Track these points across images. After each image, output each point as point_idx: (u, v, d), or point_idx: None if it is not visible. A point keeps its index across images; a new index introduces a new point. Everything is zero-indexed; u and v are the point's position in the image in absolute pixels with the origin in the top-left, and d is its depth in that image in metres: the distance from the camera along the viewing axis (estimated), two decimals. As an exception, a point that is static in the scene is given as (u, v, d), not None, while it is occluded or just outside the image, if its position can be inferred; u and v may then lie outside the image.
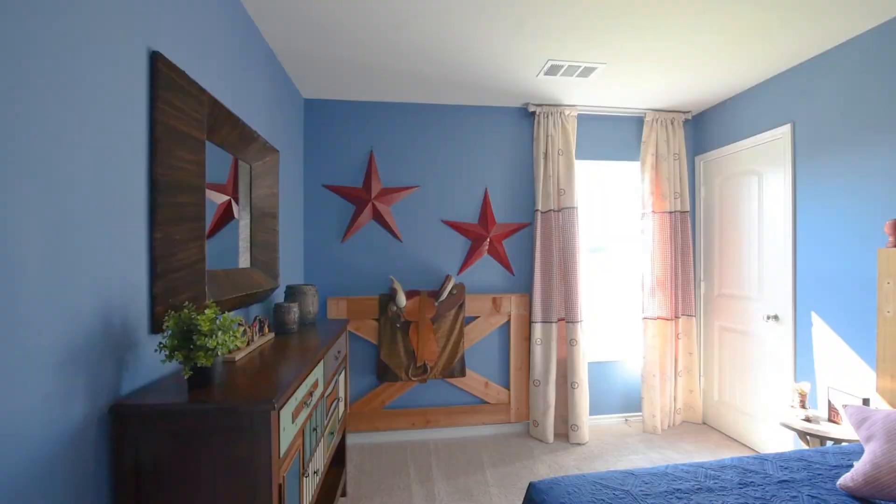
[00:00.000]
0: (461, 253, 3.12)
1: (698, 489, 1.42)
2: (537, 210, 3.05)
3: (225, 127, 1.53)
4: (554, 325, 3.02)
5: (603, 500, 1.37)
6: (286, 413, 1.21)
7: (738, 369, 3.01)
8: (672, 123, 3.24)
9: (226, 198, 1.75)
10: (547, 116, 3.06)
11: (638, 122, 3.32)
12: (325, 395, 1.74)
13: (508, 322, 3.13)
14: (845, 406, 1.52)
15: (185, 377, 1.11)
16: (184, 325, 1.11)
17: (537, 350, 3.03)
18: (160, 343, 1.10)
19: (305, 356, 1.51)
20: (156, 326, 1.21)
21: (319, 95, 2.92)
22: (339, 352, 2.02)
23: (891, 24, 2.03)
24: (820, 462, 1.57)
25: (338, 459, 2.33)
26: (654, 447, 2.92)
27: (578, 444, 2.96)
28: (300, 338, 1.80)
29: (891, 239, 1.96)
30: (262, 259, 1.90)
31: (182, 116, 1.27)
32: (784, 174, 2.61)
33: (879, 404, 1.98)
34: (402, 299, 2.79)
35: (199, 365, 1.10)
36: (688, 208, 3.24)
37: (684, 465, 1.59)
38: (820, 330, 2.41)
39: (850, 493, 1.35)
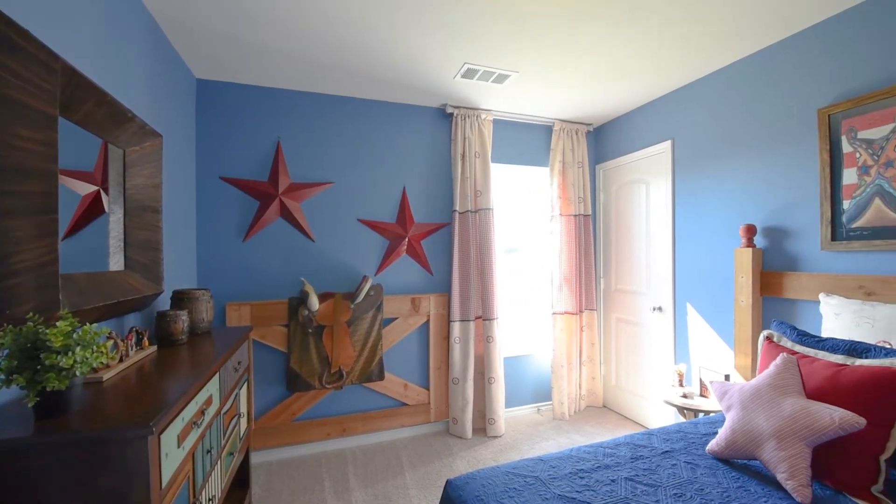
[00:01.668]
0: (379, 253, 3.04)
1: (598, 467, 1.54)
2: (455, 210, 3.10)
3: (88, 103, 1.29)
4: (472, 323, 3.09)
5: (515, 489, 1.42)
6: (170, 437, 1.05)
7: (631, 356, 3.37)
8: (577, 134, 3.52)
9: (94, 188, 1.48)
10: (464, 119, 3.13)
11: (548, 130, 3.55)
12: (223, 412, 1.56)
13: (428, 322, 3.13)
14: (711, 382, 1.76)
15: (30, 405, 0.91)
16: (26, 341, 0.91)
17: (456, 348, 3.07)
18: (-8, 365, 0.88)
19: (196, 370, 1.34)
20: (-15, 345, 0.96)
21: (216, 77, 2.63)
22: (239, 363, 1.83)
23: (748, 59, 2.42)
24: (693, 432, 1.81)
25: (240, 481, 2.11)
26: (562, 432, 3.14)
27: (495, 437, 3.06)
28: (191, 350, 1.59)
29: (743, 240, 2.34)
30: (141, 260, 1.64)
31: (24, 86, 1.03)
32: (666, 183, 2.98)
33: (737, 378, 2.35)
34: (314, 302, 2.62)
35: (49, 389, 0.91)
36: (590, 212, 3.54)
37: (586, 446, 1.72)
38: (693, 318, 2.79)
39: (716, 455, 1.57)
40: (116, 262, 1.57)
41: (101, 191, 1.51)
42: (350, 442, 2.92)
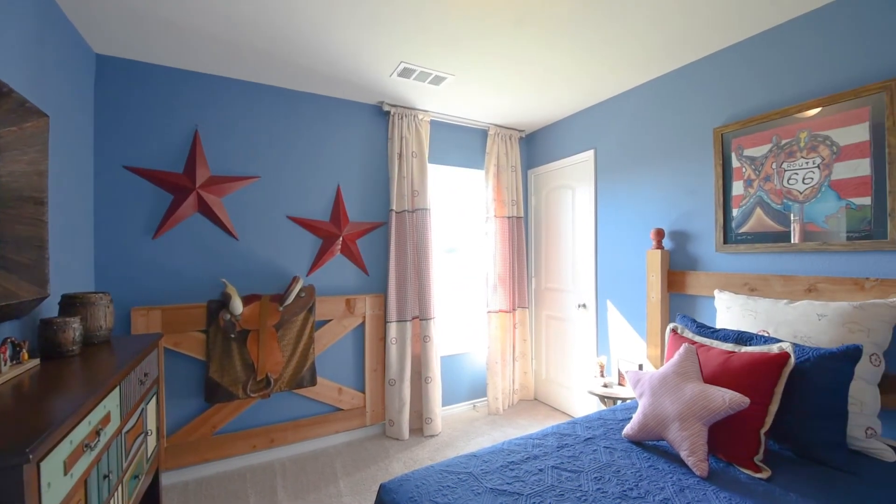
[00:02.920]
0: (311, 252, 2.91)
1: (527, 458, 1.61)
2: (392, 210, 3.06)
3: (-55, 71, 1.07)
4: (408, 323, 3.07)
5: (448, 486, 1.43)
6: (53, 463, 0.91)
7: (559, 350, 3.58)
8: (510, 139, 3.66)
9: (-47, 174, 1.23)
10: (401, 118, 3.10)
11: (483, 134, 3.64)
12: (124, 430, 1.39)
13: (363, 323, 3.06)
14: (627, 371, 1.93)
15: None
16: None
17: (392, 349, 3.03)
18: None
19: (90, 385, 1.17)
20: None
21: (120, 53, 2.34)
22: (146, 374, 1.64)
23: (659, 80, 2.68)
24: (612, 419, 1.96)
25: (149, 506, 1.90)
26: (496, 427, 3.23)
27: (432, 436, 3.07)
28: (84, 362, 1.39)
29: (654, 242, 2.59)
30: (19, 260, 1.40)
31: None
32: (589, 189, 3.21)
33: (648, 367, 2.59)
34: (237, 305, 2.43)
35: None
36: (522, 214, 3.70)
37: (517, 439, 1.79)
38: (613, 314, 3.03)
39: (630, 439, 1.72)
40: (-15, 262, 1.32)
41: (-36, 177, 1.27)
42: (279, 453, 2.75)
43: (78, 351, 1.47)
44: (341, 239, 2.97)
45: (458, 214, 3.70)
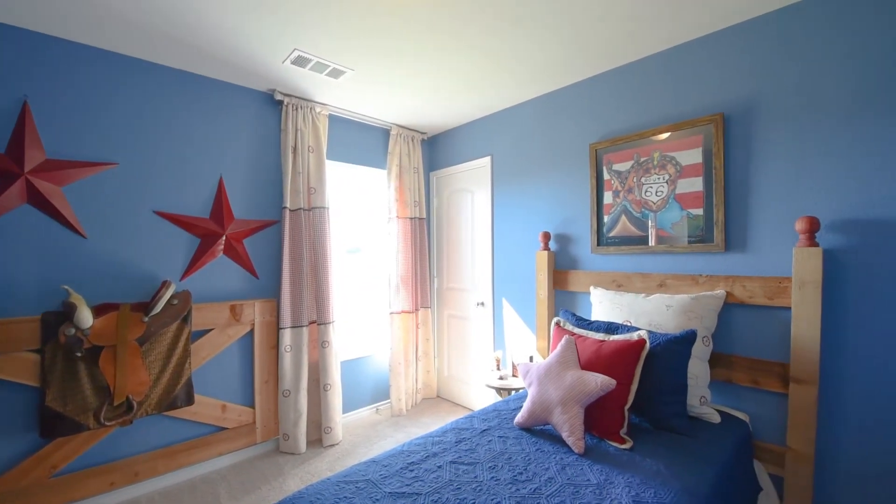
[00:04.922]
0: (186, 253, 2.55)
1: (426, 457, 1.62)
2: (286, 208, 2.84)
3: None
4: (305, 328, 2.89)
5: (346, 497, 1.37)
6: None
7: (460, 348, 3.71)
8: (412, 140, 3.67)
9: None
10: (296, 109, 2.90)
11: (386, 133, 3.60)
12: None
13: (252, 331, 2.78)
14: (519, 364, 2.07)
15: None
16: None
17: (287, 357, 2.82)
18: None
19: None
20: None
21: None
22: (-59, 412, 1.27)
23: (547, 96, 2.93)
24: (506, 409, 2.08)
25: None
26: (400, 428, 3.22)
27: (332, 446, 2.93)
28: None
29: (542, 244, 2.83)
30: None
31: None
32: (487, 193, 3.38)
33: (538, 359, 2.82)
34: (85, 317, 2.01)
35: None
36: (424, 216, 3.75)
37: (417, 439, 1.79)
38: (508, 311, 3.23)
39: (521, 426, 1.85)
40: None
41: None
42: (146, 487, 2.36)
43: None
44: (224, 238, 2.66)
45: (360, 214, 3.60)
